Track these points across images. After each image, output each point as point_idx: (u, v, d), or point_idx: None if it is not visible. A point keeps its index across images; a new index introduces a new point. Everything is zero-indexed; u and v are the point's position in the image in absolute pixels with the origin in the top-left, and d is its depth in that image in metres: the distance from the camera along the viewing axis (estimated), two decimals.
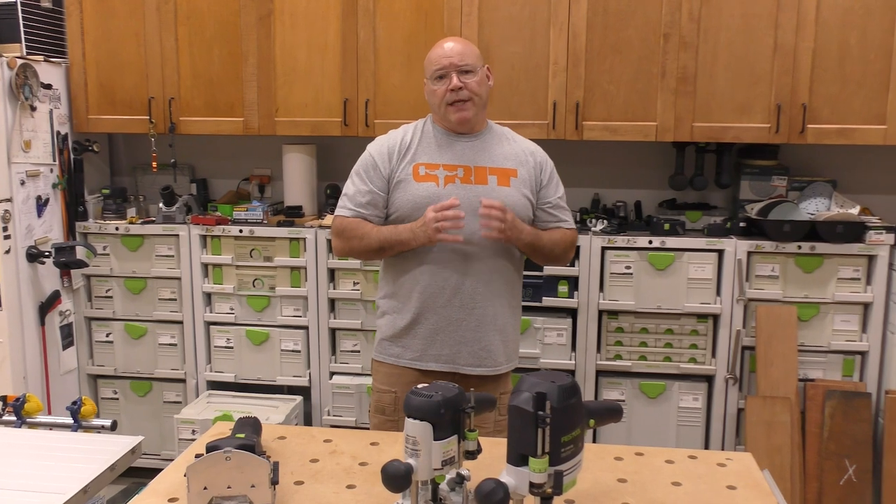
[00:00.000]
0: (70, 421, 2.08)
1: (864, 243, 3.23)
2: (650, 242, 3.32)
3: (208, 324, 3.68)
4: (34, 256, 3.40)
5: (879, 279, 3.22)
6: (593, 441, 3.23)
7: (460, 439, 1.39)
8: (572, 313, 3.43)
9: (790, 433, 3.23)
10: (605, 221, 3.48)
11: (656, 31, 3.27)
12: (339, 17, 3.47)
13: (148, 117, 3.65)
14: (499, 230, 2.19)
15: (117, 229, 3.68)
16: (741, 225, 3.38)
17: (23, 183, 3.36)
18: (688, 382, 3.40)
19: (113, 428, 2.09)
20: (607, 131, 3.36)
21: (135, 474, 2.07)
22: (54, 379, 3.58)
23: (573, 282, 3.39)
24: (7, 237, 3.29)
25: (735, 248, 3.27)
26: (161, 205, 3.71)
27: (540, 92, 3.37)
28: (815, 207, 3.43)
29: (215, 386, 3.73)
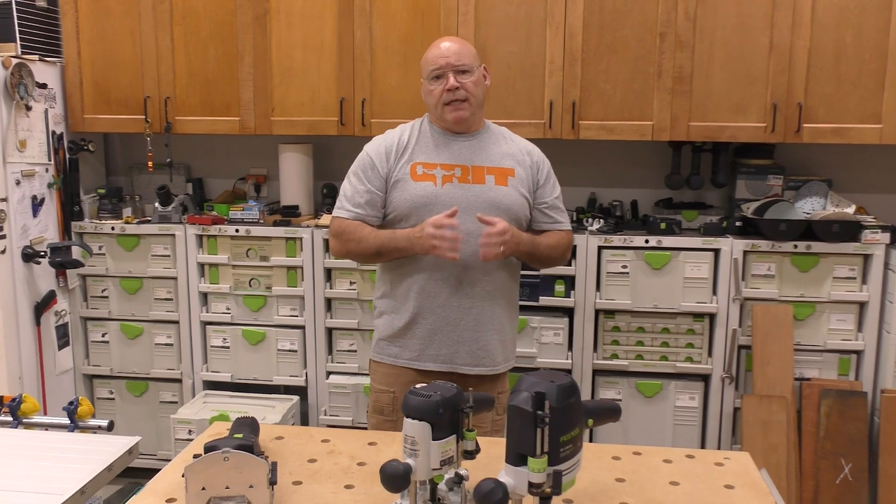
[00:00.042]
0: (66, 421, 2.08)
1: (859, 242, 3.23)
2: (646, 242, 3.33)
3: (204, 323, 3.68)
4: (30, 256, 3.39)
5: (875, 278, 3.23)
6: (590, 440, 3.23)
7: (459, 439, 1.39)
8: (569, 313, 3.43)
9: (786, 432, 3.23)
10: (602, 221, 3.49)
11: (652, 31, 3.28)
12: (336, 16, 3.47)
13: (144, 117, 3.64)
14: (495, 254, 2.20)
15: (113, 229, 3.67)
16: (737, 224, 3.39)
17: (18, 183, 3.35)
18: (684, 382, 3.40)
19: (110, 428, 2.09)
20: (604, 131, 3.36)
21: (131, 474, 2.06)
22: (50, 379, 3.57)
23: (570, 281, 3.39)
24: (2, 237, 3.27)
25: (731, 247, 3.28)
26: (157, 204, 3.70)
27: (536, 91, 3.37)
28: (810, 207, 3.44)
29: (212, 386, 3.73)
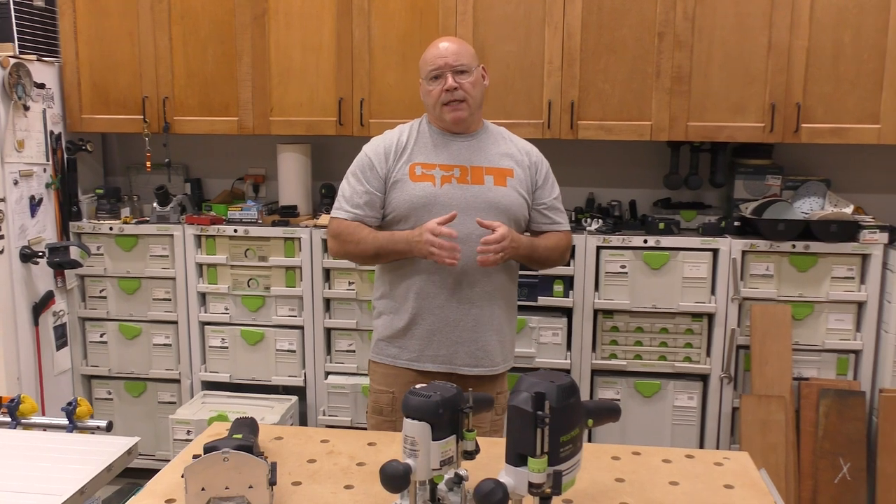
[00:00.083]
0: (65, 422, 2.07)
1: (857, 242, 3.24)
2: (645, 242, 3.33)
3: (203, 324, 3.67)
4: (28, 256, 3.39)
5: (873, 278, 3.23)
6: (589, 440, 3.23)
7: (458, 439, 1.40)
8: (567, 313, 3.43)
9: (785, 432, 3.23)
10: (600, 221, 3.49)
11: (651, 31, 3.28)
12: (334, 16, 3.47)
13: (142, 117, 3.64)
14: (493, 261, 2.19)
15: (111, 229, 3.66)
16: (735, 224, 3.39)
17: (16, 183, 3.35)
18: (683, 381, 3.40)
19: (108, 429, 2.09)
20: (602, 131, 3.36)
21: (129, 475, 2.06)
22: (48, 380, 3.57)
23: (568, 281, 3.39)
24: (0, 237, 3.27)
25: (730, 247, 3.28)
26: (155, 204, 3.70)
27: (535, 91, 3.37)
28: (809, 207, 3.44)
29: (210, 386, 3.72)
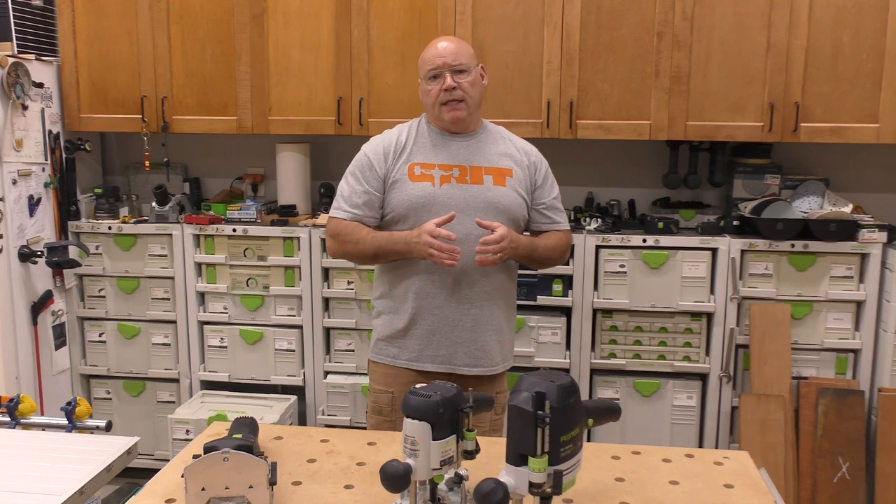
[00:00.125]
0: (64, 422, 2.07)
1: (856, 241, 3.24)
2: (644, 241, 3.33)
3: (202, 323, 3.67)
4: (26, 256, 3.39)
5: (872, 277, 3.23)
6: (588, 440, 3.23)
7: (459, 439, 1.39)
8: (567, 312, 3.43)
9: (784, 431, 3.24)
10: (599, 220, 3.49)
11: (650, 30, 3.28)
12: (333, 15, 3.47)
13: (140, 116, 3.63)
14: (492, 261, 2.19)
15: (110, 229, 3.66)
16: (734, 223, 3.40)
17: (14, 182, 3.34)
18: (682, 381, 3.40)
19: (108, 428, 2.09)
20: (601, 130, 3.36)
21: (128, 474, 2.06)
22: (47, 379, 3.56)
23: (567, 280, 3.39)
24: None
25: (729, 246, 3.28)
26: (154, 204, 3.69)
27: (534, 91, 3.37)
28: (808, 206, 3.45)
29: (209, 386, 3.72)
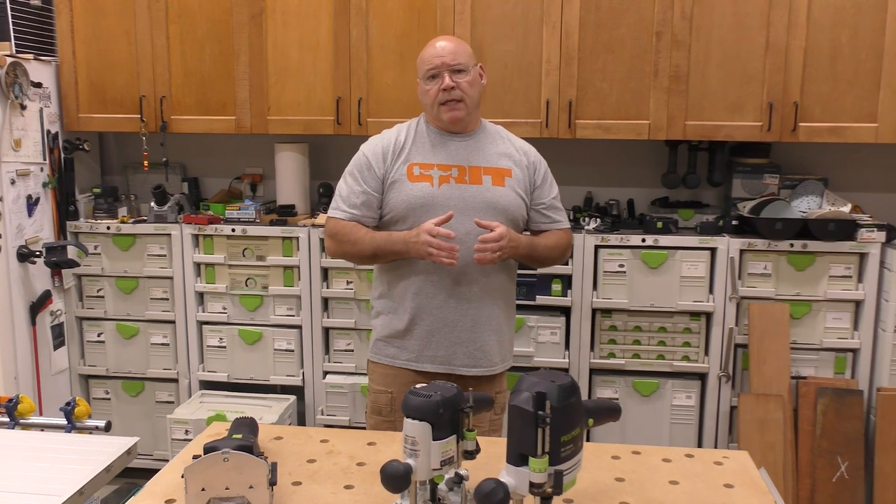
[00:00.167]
0: (63, 422, 2.07)
1: (855, 241, 3.24)
2: (643, 241, 3.33)
3: (201, 323, 3.67)
4: (25, 256, 3.38)
5: (871, 277, 3.24)
6: (587, 440, 3.23)
7: (459, 439, 1.39)
8: (566, 312, 3.43)
9: (783, 431, 3.24)
10: (598, 220, 3.49)
11: (649, 30, 3.28)
12: (332, 15, 3.46)
13: (139, 116, 3.63)
14: (491, 260, 2.19)
15: (108, 228, 3.66)
16: (733, 223, 3.40)
17: (13, 182, 3.34)
18: (681, 380, 3.41)
19: (107, 429, 2.08)
20: (600, 130, 3.36)
21: (127, 474, 2.06)
22: (45, 379, 3.56)
23: (567, 280, 3.39)
24: None
25: (727, 246, 3.28)
26: (153, 204, 3.69)
27: (533, 90, 3.37)
28: (806, 205, 3.45)
29: (208, 386, 3.72)
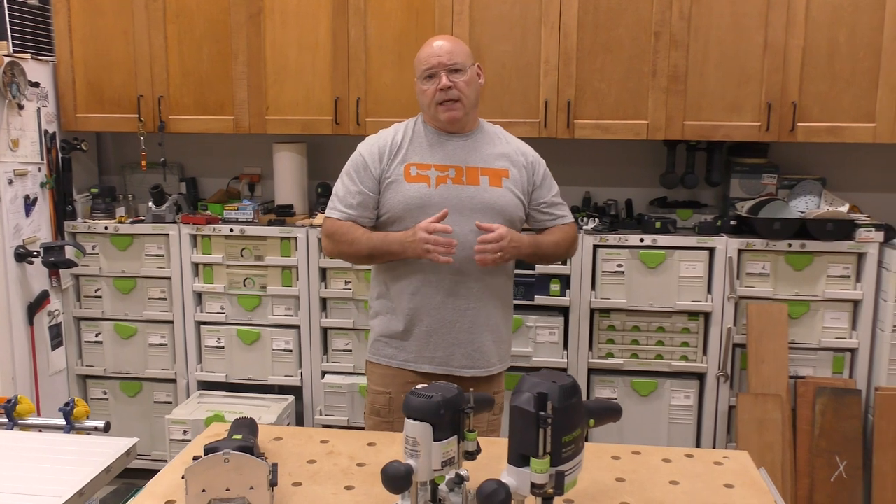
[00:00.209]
0: (62, 423, 2.06)
1: (853, 241, 3.25)
2: (641, 241, 3.33)
3: (199, 323, 3.66)
4: (22, 256, 3.37)
5: (869, 276, 3.24)
6: (586, 440, 3.23)
7: (460, 440, 1.39)
8: (564, 312, 3.43)
9: (781, 430, 3.24)
10: (597, 220, 3.49)
11: (647, 30, 3.28)
12: (330, 15, 3.46)
13: (137, 116, 3.62)
14: (493, 261, 2.19)
15: (106, 228, 3.65)
16: (732, 223, 3.40)
17: (10, 182, 3.33)
18: (679, 380, 3.41)
19: (106, 429, 2.08)
20: (598, 130, 3.36)
21: (125, 475, 2.05)
22: (43, 380, 3.55)
23: (565, 280, 3.39)
24: None
25: (726, 246, 3.29)
26: (150, 204, 3.68)
27: (531, 90, 3.37)
28: (804, 205, 3.45)
29: (206, 386, 3.71)
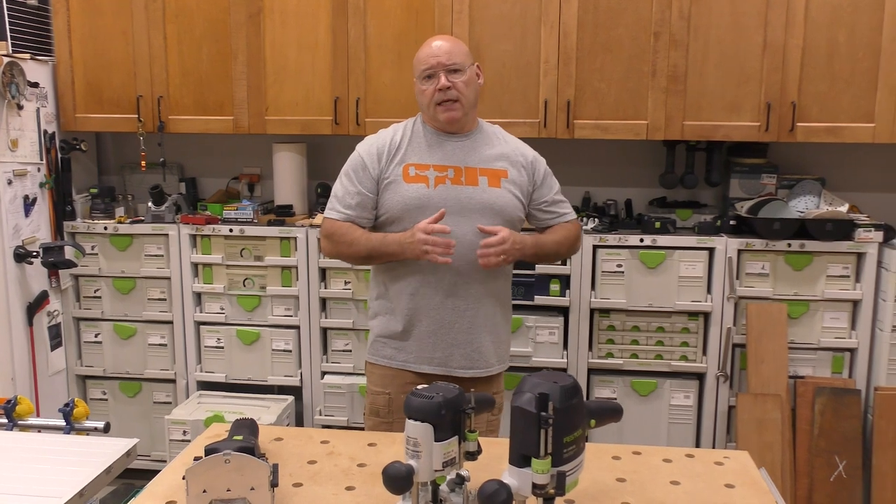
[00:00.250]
0: (62, 423, 2.06)
1: (852, 241, 3.25)
2: (641, 241, 3.33)
3: (198, 324, 3.66)
4: (22, 256, 3.37)
5: (868, 276, 3.24)
6: (586, 440, 3.23)
7: (461, 440, 1.39)
8: (564, 312, 3.43)
9: (781, 430, 3.24)
10: (597, 220, 3.49)
11: (647, 30, 3.28)
12: (330, 14, 3.46)
13: (136, 116, 3.62)
14: (496, 264, 2.20)
15: (106, 229, 3.65)
16: (731, 223, 3.40)
17: (10, 182, 3.33)
18: (679, 380, 3.41)
19: (106, 430, 2.08)
20: (598, 130, 3.36)
21: (125, 475, 2.05)
22: (42, 380, 3.54)
23: (565, 280, 3.39)
24: None
25: (725, 246, 3.29)
26: (150, 204, 3.68)
27: (531, 90, 3.37)
28: (804, 205, 3.45)
29: (206, 386, 3.71)
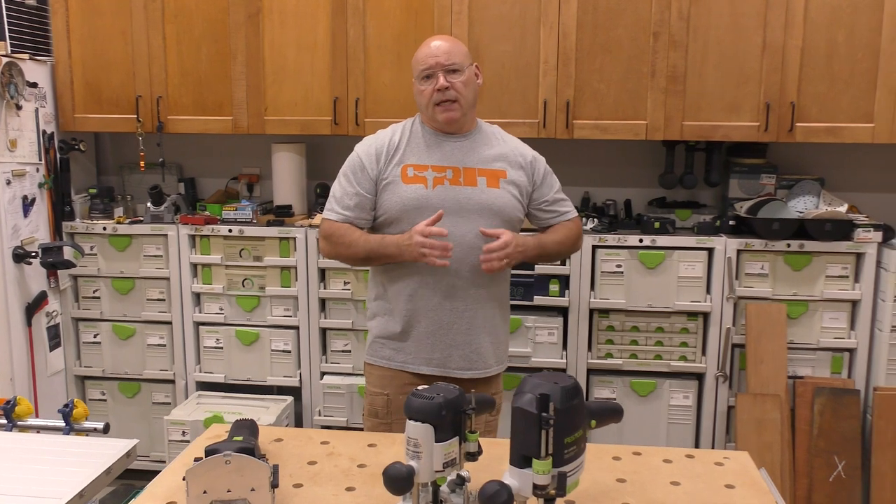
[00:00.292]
0: (61, 424, 2.06)
1: (852, 241, 3.25)
2: (640, 241, 3.33)
3: (197, 324, 3.66)
4: (21, 257, 3.37)
5: (867, 276, 3.24)
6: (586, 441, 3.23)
7: (461, 441, 1.39)
8: (563, 312, 3.43)
9: (780, 430, 3.25)
10: (596, 220, 3.49)
11: (646, 30, 3.28)
12: (329, 14, 3.46)
13: (135, 116, 3.62)
14: (499, 267, 2.20)
15: (105, 229, 3.64)
16: (730, 223, 3.40)
17: (9, 182, 3.32)
18: (678, 380, 3.41)
19: (106, 431, 2.07)
20: (597, 130, 3.36)
21: (124, 475, 2.05)
22: (41, 380, 3.54)
23: (564, 280, 3.39)
24: None
25: (725, 246, 3.29)
26: (149, 204, 3.67)
27: (530, 91, 3.37)
28: (803, 206, 3.45)
29: (205, 387, 3.71)
